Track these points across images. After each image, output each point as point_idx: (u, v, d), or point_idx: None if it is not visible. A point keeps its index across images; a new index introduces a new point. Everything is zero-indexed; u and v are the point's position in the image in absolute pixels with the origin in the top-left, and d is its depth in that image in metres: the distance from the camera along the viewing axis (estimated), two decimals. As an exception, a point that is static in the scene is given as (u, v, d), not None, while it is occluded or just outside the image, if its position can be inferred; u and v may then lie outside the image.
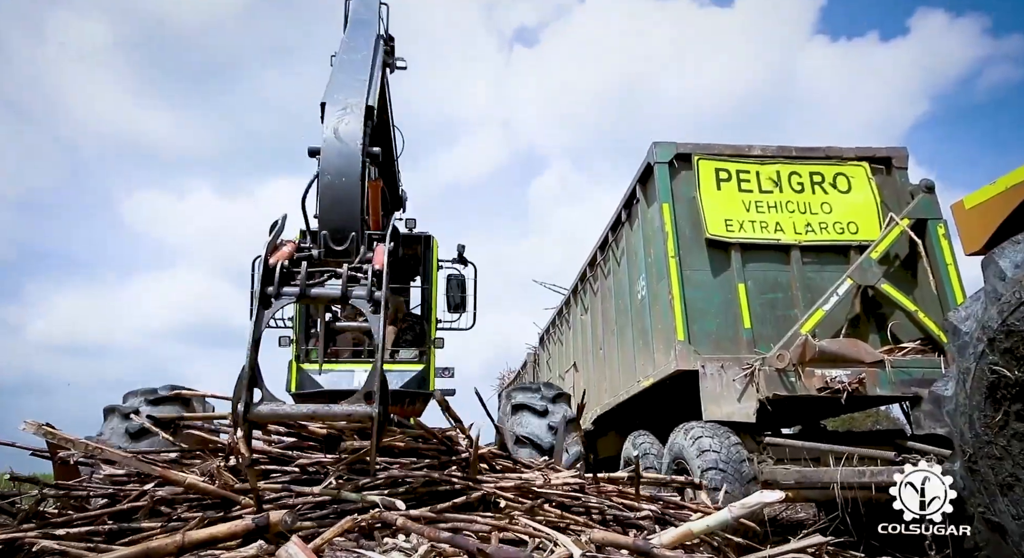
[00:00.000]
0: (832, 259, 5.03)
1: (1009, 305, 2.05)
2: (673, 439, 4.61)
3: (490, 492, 2.27)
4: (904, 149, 5.33)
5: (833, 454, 4.21)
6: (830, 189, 5.21)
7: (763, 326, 4.83)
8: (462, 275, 5.19)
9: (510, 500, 2.20)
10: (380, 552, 1.79)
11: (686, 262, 4.95)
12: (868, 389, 4.29)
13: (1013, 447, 2.07)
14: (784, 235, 5.04)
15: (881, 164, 5.29)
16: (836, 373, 4.35)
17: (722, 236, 4.99)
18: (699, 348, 4.69)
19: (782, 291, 4.96)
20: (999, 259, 2.15)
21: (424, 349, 4.86)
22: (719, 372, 4.52)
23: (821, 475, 4.14)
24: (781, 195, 5.19)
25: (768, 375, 4.35)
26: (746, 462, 4.12)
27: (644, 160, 5.43)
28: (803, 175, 5.25)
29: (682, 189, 5.15)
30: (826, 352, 4.40)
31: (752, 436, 4.50)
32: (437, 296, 5.01)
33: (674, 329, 4.75)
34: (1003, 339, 2.07)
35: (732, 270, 4.94)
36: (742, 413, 4.38)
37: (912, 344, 4.63)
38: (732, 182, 5.22)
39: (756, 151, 5.32)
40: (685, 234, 5.03)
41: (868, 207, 5.11)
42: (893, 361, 4.39)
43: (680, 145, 5.23)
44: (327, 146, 2.54)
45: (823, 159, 5.31)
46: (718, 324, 4.84)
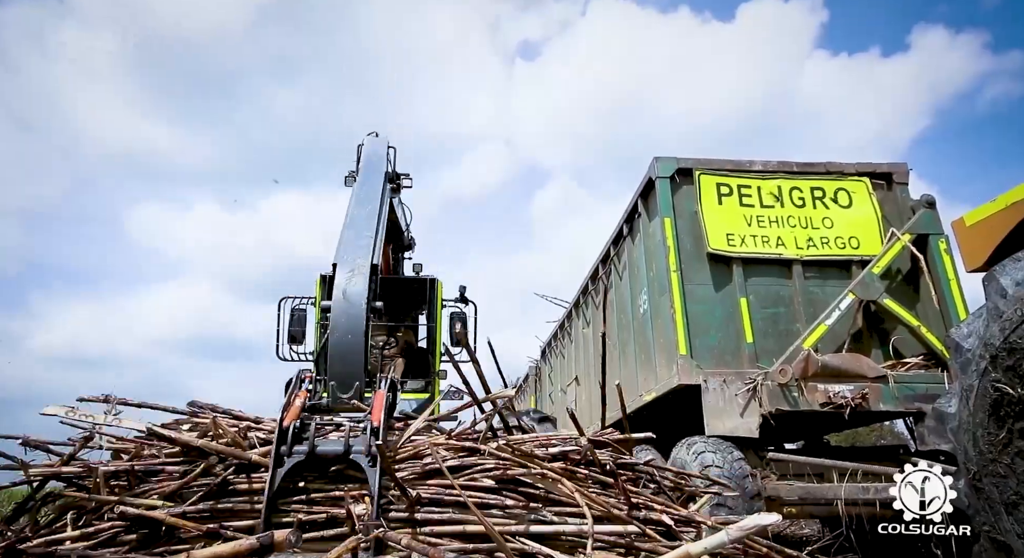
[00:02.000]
0: (834, 274, 5.04)
1: (1011, 322, 2.05)
2: (676, 454, 4.59)
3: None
4: (904, 164, 5.36)
5: (837, 470, 4.18)
6: (831, 204, 5.23)
7: (765, 340, 4.83)
8: (464, 313, 5.72)
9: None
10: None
11: (688, 276, 4.96)
12: (871, 404, 4.28)
13: (1017, 465, 2.07)
14: (786, 250, 5.06)
15: (882, 179, 5.31)
16: (839, 388, 4.34)
17: (724, 250, 5.00)
18: (701, 362, 4.69)
19: (784, 305, 4.97)
20: (1000, 276, 2.16)
21: (429, 379, 5.45)
22: (721, 387, 4.52)
23: (825, 491, 4.12)
24: (783, 210, 5.21)
25: (771, 390, 4.34)
26: (749, 478, 4.10)
27: (646, 175, 5.46)
28: (804, 190, 5.28)
29: (684, 203, 5.18)
30: (829, 367, 4.39)
31: (755, 451, 4.48)
32: (441, 332, 5.55)
33: (676, 343, 4.75)
34: (1006, 356, 2.08)
35: (734, 284, 4.95)
36: (745, 428, 4.37)
37: (915, 359, 4.63)
38: (733, 197, 5.25)
39: (757, 166, 5.35)
40: (687, 248, 5.04)
41: (869, 222, 5.13)
42: (896, 376, 4.38)
43: (681, 160, 5.27)
44: (336, 306, 2.90)
45: (824, 174, 5.34)
46: (720, 338, 4.84)
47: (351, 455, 2.21)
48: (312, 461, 2.22)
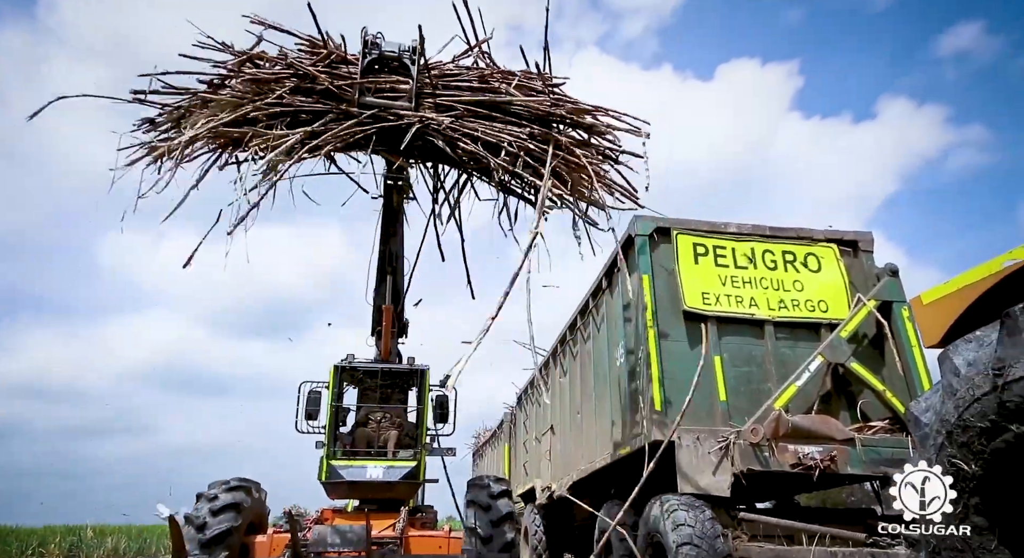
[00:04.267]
0: (804, 335, 5.19)
1: (964, 401, 2.17)
2: (649, 511, 4.59)
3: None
4: (870, 233, 5.63)
5: (806, 533, 4.22)
6: (801, 268, 5.45)
7: (737, 399, 4.92)
8: (446, 395, 6.89)
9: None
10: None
11: (664, 333, 5.07)
12: (839, 467, 4.36)
13: (973, 540, 2.15)
14: (759, 310, 5.22)
15: (849, 247, 5.56)
16: (809, 449, 4.42)
17: (699, 309, 5.14)
18: (675, 419, 4.74)
19: (756, 365, 5.09)
20: (954, 356, 2.28)
21: (417, 450, 6.43)
22: (695, 444, 4.56)
23: (795, 554, 4.15)
24: (756, 271, 5.40)
25: (743, 449, 4.40)
26: (720, 538, 4.11)
27: (625, 232, 5.63)
28: (776, 253, 5.50)
29: (661, 261, 5.33)
30: (799, 428, 4.49)
31: (726, 510, 4.50)
32: (428, 411, 6.72)
33: (651, 399, 4.82)
34: (960, 433, 2.18)
35: (708, 342, 5.05)
36: (717, 487, 4.40)
37: (881, 423, 4.75)
38: (709, 257, 5.43)
39: (732, 228, 5.57)
40: (663, 305, 5.16)
41: (837, 287, 5.34)
42: (863, 439, 4.49)
43: (660, 220, 5.46)
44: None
45: (795, 239, 5.57)
46: (694, 395, 4.92)
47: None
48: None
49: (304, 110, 4.97)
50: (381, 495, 6.43)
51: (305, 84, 5.04)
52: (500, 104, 5.22)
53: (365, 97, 5.09)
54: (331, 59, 5.25)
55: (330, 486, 6.26)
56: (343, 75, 5.17)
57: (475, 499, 5.63)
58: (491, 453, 15.65)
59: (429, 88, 5.26)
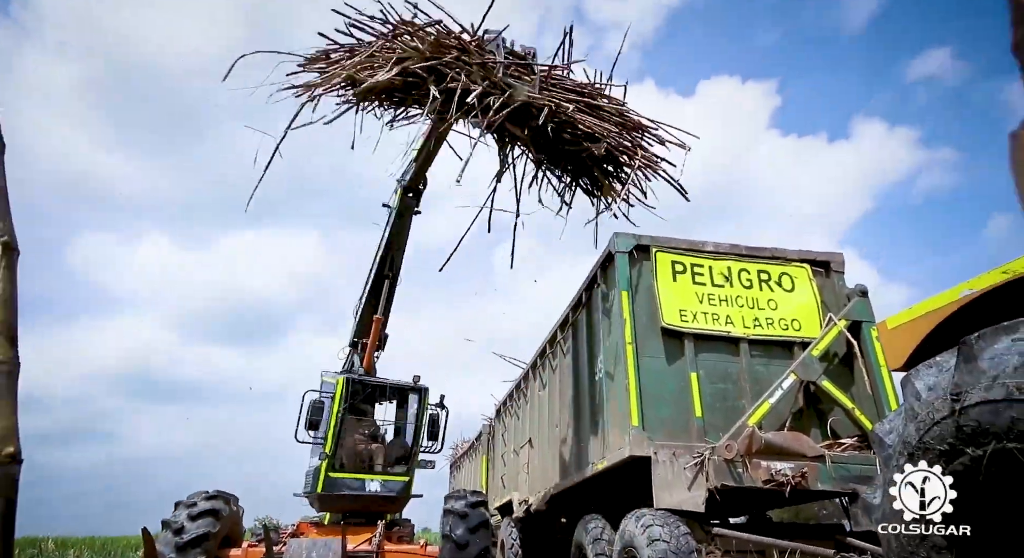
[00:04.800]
0: (778, 353, 5.32)
1: (924, 424, 2.27)
2: (624, 526, 4.63)
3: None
4: (841, 254, 5.80)
5: (777, 549, 4.31)
6: (776, 287, 5.59)
7: (713, 415, 5.01)
8: (438, 414, 7.14)
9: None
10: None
11: (642, 349, 5.15)
12: (810, 483, 4.46)
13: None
14: (734, 328, 5.34)
15: (821, 267, 5.72)
16: (781, 466, 4.52)
17: (677, 325, 5.24)
18: (652, 434, 4.81)
19: (731, 382, 5.19)
20: (915, 380, 2.39)
21: (409, 465, 6.80)
22: (671, 459, 4.63)
23: (766, 569, 4.22)
24: (732, 290, 5.53)
25: (717, 465, 4.48)
26: (695, 554, 4.17)
27: (605, 248, 5.72)
28: (752, 272, 5.63)
29: (640, 278, 5.44)
30: (771, 445, 4.58)
31: (701, 525, 4.57)
32: (424, 428, 7.01)
33: (629, 414, 4.88)
34: (921, 456, 2.28)
35: (685, 359, 5.16)
36: (692, 502, 4.46)
37: (850, 440, 4.87)
38: (687, 274, 5.55)
39: (710, 247, 5.69)
40: (642, 321, 5.26)
41: (809, 306, 5.48)
42: (833, 456, 4.60)
43: (639, 237, 5.56)
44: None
45: (770, 259, 5.72)
46: (671, 411, 5.00)
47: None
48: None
49: (464, 79, 5.10)
50: (376, 508, 6.50)
51: (463, 57, 5.19)
52: (595, 107, 5.57)
53: (507, 78, 5.28)
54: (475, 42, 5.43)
55: (324, 498, 6.32)
56: (490, 58, 5.37)
57: (452, 508, 5.79)
58: (468, 465, 15.58)
59: (545, 82, 5.48)
